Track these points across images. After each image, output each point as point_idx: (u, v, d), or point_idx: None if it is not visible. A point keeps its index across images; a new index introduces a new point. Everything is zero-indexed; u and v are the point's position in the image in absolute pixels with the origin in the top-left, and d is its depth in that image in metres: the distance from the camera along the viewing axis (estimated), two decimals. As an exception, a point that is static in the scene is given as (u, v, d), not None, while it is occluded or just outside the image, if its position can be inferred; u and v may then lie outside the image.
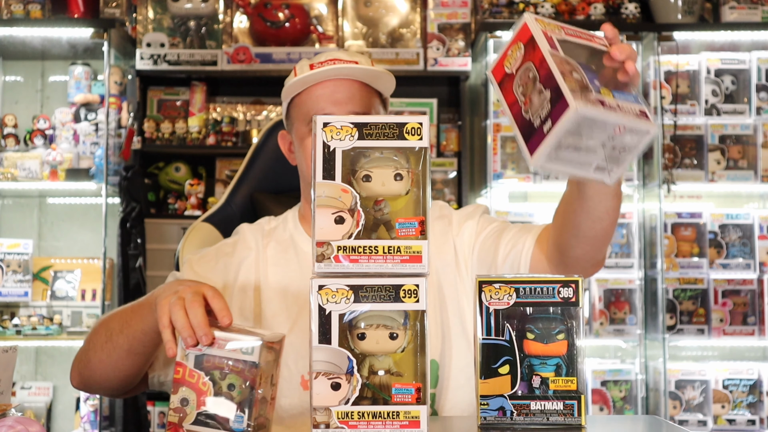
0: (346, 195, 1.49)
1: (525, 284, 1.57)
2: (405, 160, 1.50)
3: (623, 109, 1.54)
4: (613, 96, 1.56)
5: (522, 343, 1.57)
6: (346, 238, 1.48)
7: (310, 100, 2.32)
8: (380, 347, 1.46)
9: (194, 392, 1.68)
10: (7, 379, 1.86)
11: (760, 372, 5.00)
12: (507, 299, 1.57)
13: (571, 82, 1.50)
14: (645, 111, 1.58)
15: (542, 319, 1.58)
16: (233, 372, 1.66)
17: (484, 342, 1.57)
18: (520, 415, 1.56)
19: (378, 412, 1.45)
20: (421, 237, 1.48)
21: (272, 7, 5.29)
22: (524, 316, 1.58)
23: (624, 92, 1.60)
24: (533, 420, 1.56)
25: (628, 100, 1.58)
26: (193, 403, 1.68)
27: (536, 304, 1.57)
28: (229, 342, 1.66)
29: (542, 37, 1.54)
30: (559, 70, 1.50)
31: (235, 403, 1.66)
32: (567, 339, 1.58)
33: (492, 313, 1.57)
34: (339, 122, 1.50)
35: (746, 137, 5.09)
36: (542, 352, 1.57)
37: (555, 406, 1.56)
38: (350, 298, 1.46)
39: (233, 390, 1.67)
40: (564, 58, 1.53)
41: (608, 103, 1.52)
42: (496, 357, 1.57)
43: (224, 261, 2.38)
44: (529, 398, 1.56)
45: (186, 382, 1.69)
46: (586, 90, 1.50)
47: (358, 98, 2.30)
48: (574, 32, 1.62)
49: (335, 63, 2.30)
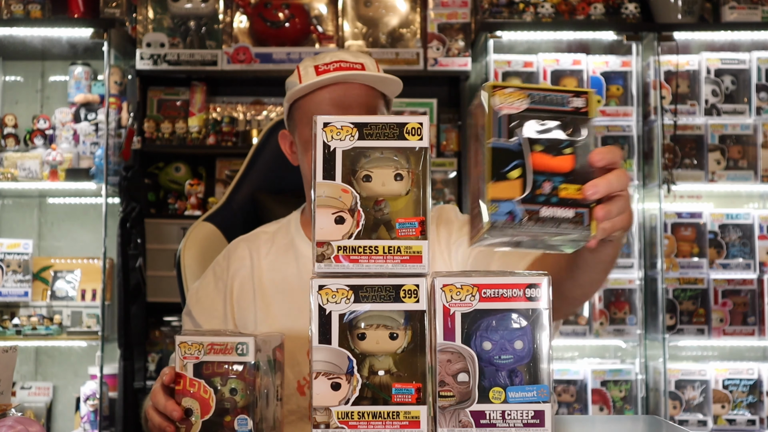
0: (347, 195, 1.48)
1: (537, 91, 1.51)
2: (405, 160, 1.50)
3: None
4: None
5: (529, 155, 1.50)
6: (346, 238, 1.48)
7: (315, 103, 2.30)
8: (380, 347, 1.46)
9: (197, 401, 1.68)
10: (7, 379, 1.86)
11: (760, 372, 5.00)
12: (518, 104, 1.50)
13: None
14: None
15: (551, 133, 1.51)
16: (234, 376, 1.66)
17: (494, 146, 1.50)
18: (530, 220, 1.49)
19: (378, 412, 1.45)
20: (421, 237, 1.48)
21: (272, 7, 5.29)
22: (533, 126, 1.51)
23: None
24: (543, 227, 1.49)
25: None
26: (197, 412, 1.68)
27: (547, 111, 1.51)
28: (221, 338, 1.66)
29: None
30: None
31: (239, 408, 1.66)
32: (573, 154, 1.51)
33: (502, 117, 1.51)
34: (339, 122, 1.49)
35: (746, 137, 5.09)
36: (549, 165, 1.50)
37: (566, 213, 1.50)
38: (350, 298, 1.45)
39: (236, 394, 1.67)
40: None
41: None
42: (506, 161, 1.50)
43: (221, 280, 2.40)
44: (540, 203, 1.49)
45: (187, 392, 1.69)
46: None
47: (363, 102, 2.28)
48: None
49: (341, 66, 2.28)
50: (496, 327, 1.48)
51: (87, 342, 5.04)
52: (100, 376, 4.88)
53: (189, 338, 1.70)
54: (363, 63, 2.31)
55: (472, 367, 1.46)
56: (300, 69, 2.33)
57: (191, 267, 2.64)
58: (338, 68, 2.28)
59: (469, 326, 1.47)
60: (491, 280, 1.48)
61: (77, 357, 5.34)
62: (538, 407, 1.47)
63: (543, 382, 1.47)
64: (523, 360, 1.48)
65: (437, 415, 1.46)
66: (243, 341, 1.65)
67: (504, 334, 1.48)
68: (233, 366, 1.67)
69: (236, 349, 1.66)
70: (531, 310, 1.47)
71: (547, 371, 1.48)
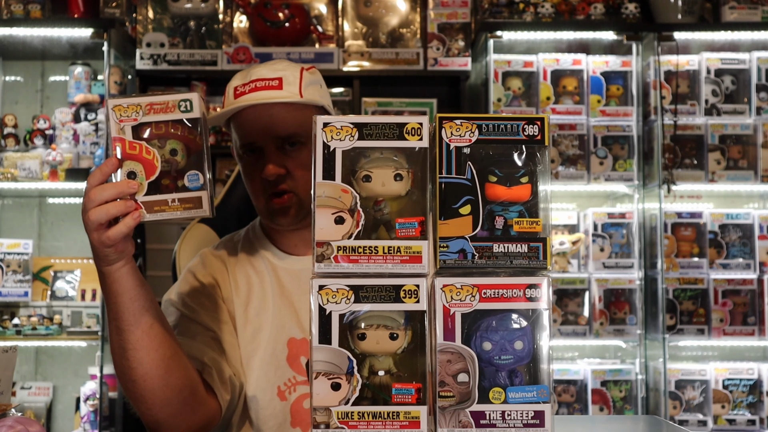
0: (346, 195, 1.48)
1: (488, 121, 1.50)
2: (405, 160, 1.50)
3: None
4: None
5: (484, 187, 1.49)
6: (346, 238, 1.48)
7: (236, 126, 2.28)
8: (380, 347, 1.46)
9: (140, 163, 1.65)
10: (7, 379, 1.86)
11: (760, 372, 5.00)
12: (469, 136, 1.49)
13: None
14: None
15: (505, 163, 1.49)
16: (173, 137, 1.63)
17: (443, 180, 1.48)
18: (482, 257, 1.48)
19: (378, 413, 1.45)
20: (421, 237, 1.48)
21: (272, 7, 5.29)
22: (486, 157, 1.49)
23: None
24: (496, 263, 1.48)
25: None
26: (141, 174, 1.65)
27: (500, 141, 1.49)
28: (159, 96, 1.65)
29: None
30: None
31: (184, 166, 1.64)
32: (530, 183, 1.50)
33: (453, 150, 1.49)
34: (339, 122, 1.49)
35: (746, 137, 5.09)
36: (505, 196, 1.49)
37: (519, 248, 1.49)
38: (350, 298, 1.45)
39: (176, 155, 1.64)
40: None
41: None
42: (456, 196, 1.49)
43: (207, 277, 2.35)
44: (492, 240, 1.48)
45: (129, 155, 1.66)
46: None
47: (281, 120, 2.24)
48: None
49: (256, 86, 2.22)
50: (496, 327, 1.48)
51: (87, 342, 5.04)
52: (100, 376, 4.88)
53: (124, 101, 1.66)
54: (281, 77, 2.25)
55: (472, 367, 1.46)
56: (227, 87, 2.30)
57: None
58: (254, 89, 2.23)
59: (470, 326, 1.47)
60: (491, 281, 1.48)
61: (77, 357, 5.34)
62: (538, 407, 1.47)
63: (543, 382, 1.47)
64: (523, 360, 1.48)
65: (437, 416, 1.46)
66: (186, 97, 1.61)
67: (504, 335, 1.48)
68: (173, 125, 1.63)
69: (179, 107, 1.62)
70: (531, 310, 1.48)
71: (547, 371, 1.48)
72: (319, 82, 2.35)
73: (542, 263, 1.49)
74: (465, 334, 1.47)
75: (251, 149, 2.27)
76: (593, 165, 5.06)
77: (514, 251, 1.49)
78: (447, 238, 1.48)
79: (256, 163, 2.27)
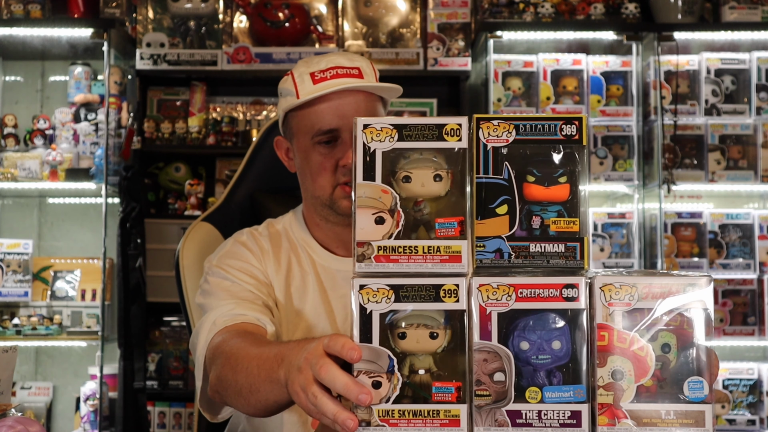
0: (386, 195, 1.49)
1: (525, 121, 1.50)
2: (444, 160, 1.51)
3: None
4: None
5: (521, 186, 1.49)
6: (386, 238, 1.48)
7: (314, 113, 2.27)
8: (420, 346, 1.46)
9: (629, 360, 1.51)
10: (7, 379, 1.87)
11: (760, 372, 5.02)
12: (506, 136, 1.50)
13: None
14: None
15: (543, 163, 1.50)
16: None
17: (480, 181, 1.49)
18: (519, 257, 1.48)
19: (418, 411, 1.45)
20: (461, 237, 1.49)
21: (272, 7, 5.29)
22: (524, 157, 1.50)
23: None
24: (532, 263, 1.49)
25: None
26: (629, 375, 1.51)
27: (537, 141, 1.50)
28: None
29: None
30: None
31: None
32: (569, 183, 1.50)
33: (490, 150, 1.50)
34: (379, 124, 1.50)
35: (746, 137, 5.11)
36: (543, 196, 1.49)
37: (556, 248, 1.49)
38: (391, 297, 1.46)
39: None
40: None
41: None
42: (493, 196, 1.49)
43: (253, 267, 2.34)
44: (529, 240, 1.49)
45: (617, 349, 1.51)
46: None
47: (363, 109, 2.26)
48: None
49: (338, 73, 2.25)
50: (534, 327, 1.48)
51: (87, 342, 5.04)
52: (100, 376, 4.87)
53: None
54: (359, 67, 2.28)
55: (509, 366, 1.47)
56: (294, 75, 2.29)
57: (190, 267, 2.62)
58: (335, 75, 2.25)
59: (507, 326, 1.48)
60: (528, 280, 1.48)
61: (77, 357, 5.33)
62: (574, 407, 1.47)
63: (581, 382, 1.48)
64: (562, 360, 1.49)
65: (473, 414, 1.46)
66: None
67: (542, 334, 1.48)
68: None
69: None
70: (569, 310, 1.48)
71: (586, 372, 1.48)
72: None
73: (579, 263, 1.50)
74: (502, 334, 1.48)
75: (328, 138, 2.27)
76: (593, 165, 5.08)
77: (551, 251, 1.49)
78: (484, 237, 1.49)
79: (331, 151, 2.26)
